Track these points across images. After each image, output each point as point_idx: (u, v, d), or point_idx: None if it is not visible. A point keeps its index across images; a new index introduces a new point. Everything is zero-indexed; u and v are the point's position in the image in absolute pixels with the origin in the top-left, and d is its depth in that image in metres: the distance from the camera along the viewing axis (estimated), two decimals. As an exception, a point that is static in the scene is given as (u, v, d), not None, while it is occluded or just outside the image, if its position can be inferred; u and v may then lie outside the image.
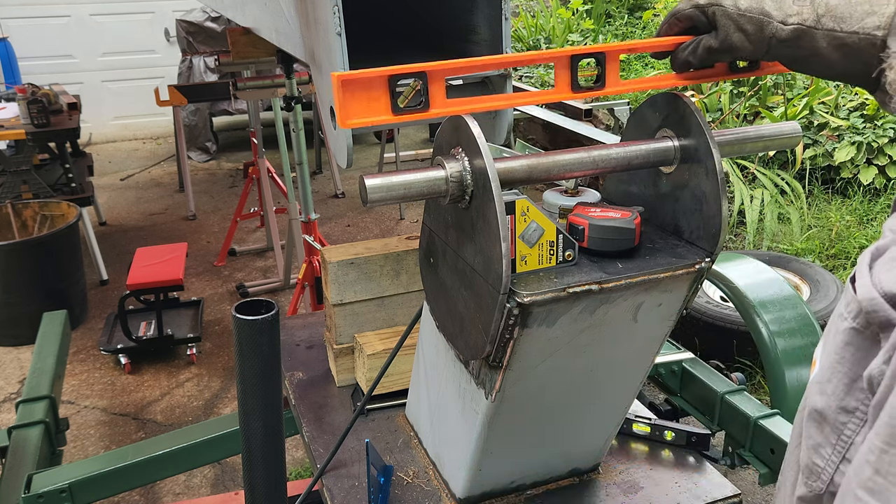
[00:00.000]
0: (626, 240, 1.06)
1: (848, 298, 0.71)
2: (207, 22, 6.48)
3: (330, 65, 1.36)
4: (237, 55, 2.64)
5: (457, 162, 0.99)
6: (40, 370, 2.22)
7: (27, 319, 3.45)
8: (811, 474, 0.73)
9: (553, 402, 1.22)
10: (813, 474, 0.73)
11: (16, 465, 1.82)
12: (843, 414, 0.69)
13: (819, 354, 0.77)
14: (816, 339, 1.99)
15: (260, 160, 4.62)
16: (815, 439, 0.73)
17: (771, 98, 5.54)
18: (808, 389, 0.77)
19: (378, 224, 5.61)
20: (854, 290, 0.69)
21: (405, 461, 1.46)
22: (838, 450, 0.69)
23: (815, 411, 0.73)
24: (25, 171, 4.52)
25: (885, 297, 0.65)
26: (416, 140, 7.63)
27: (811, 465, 0.73)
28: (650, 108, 1.15)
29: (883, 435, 0.61)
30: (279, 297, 4.41)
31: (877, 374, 0.64)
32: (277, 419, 1.23)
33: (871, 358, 0.66)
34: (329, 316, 1.71)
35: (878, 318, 0.65)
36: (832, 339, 0.73)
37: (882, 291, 0.65)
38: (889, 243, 0.70)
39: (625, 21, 8.07)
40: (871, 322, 0.67)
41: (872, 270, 0.68)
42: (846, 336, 0.70)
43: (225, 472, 3.02)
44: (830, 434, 0.71)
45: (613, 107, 5.56)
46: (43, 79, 6.03)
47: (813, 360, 0.80)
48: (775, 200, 4.86)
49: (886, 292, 0.65)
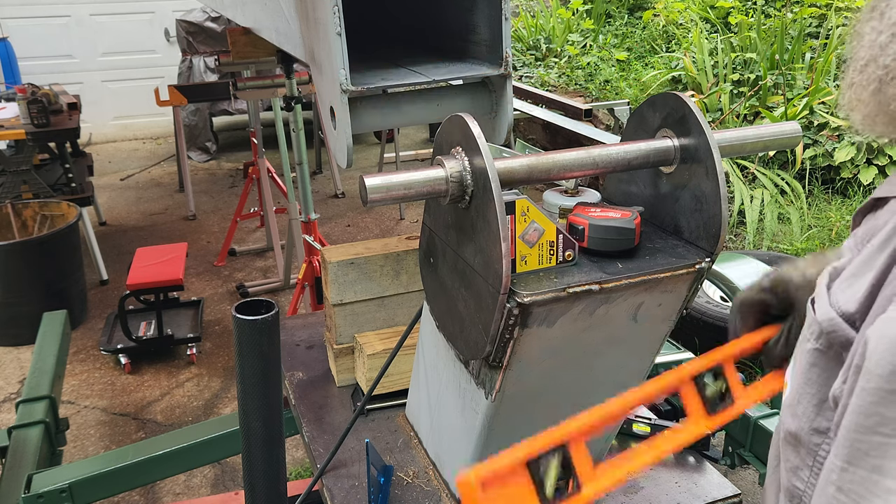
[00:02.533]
0: (626, 240, 1.06)
1: (809, 320, 0.71)
2: (207, 22, 6.48)
3: (330, 65, 1.37)
4: (237, 55, 2.64)
5: (457, 162, 0.99)
6: (40, 370, 2.22)
7: (27, 319, 3.45)
8: (792, 497, 0.73)
9: (553, 402, 1.22)
10: (794, 497, 0.72)
11: (16, 465, 1.82)
12: (815, 435, 0.69)
13: (789, 376, 0.77)
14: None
15: (260, 160, 4.61)
16: (792, 462, 0.73)
17: (771, 98, 5.54)
18: (781, 412, 0.77)
19: (378, 224, 5.61)
20: (814, 312, 0.69)
21: (405, 461, 1.46)
22: (815, 471, 0.68)
23: (789, 434, 0.73)
24: (25, 171, 4.52)
25: (842, 317, 0.65)
26: (416, 140, 7.63)
27: (791, 489, 0.73)
28: (650, 108, 1.15)
29: (842, 454, 0.60)
30: (279, 297, 4.41)
31: (839, 395, 0.64)
32: (277, 419, 1.23)
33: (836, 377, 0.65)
34: (329, 316, 1.71)
35: (837, 338, 0.65)
36: (799, 361, 0.72)
37: (840, 311, 0.65)
38: (845, 264, 0.69)
39: (625, 21, 8.07)
40: (832, 342, 0.66)
41: (830, 291, 0.68)
42: (810, 357, 0.70)
43: (225, 472, 3.01)
44: (806, 456, 0.70)
45: (613, 107, 5.57)
46: (43, 79, 6.03)
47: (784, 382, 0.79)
48: (775, 200, 4.86)
49: (843, 312, 0.65)
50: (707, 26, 6.80)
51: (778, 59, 5.75)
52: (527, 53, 7.67)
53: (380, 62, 1.59)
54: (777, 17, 6.34)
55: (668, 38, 7.20)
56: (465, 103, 1.55)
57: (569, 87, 6.69)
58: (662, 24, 7.32)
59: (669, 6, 7.28)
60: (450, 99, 1.55)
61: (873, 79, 0.66)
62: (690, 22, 6.94)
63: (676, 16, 7.19)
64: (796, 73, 5.62)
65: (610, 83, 6.52)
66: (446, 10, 1.62)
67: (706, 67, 5.94)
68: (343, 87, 1.34)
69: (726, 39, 6.31)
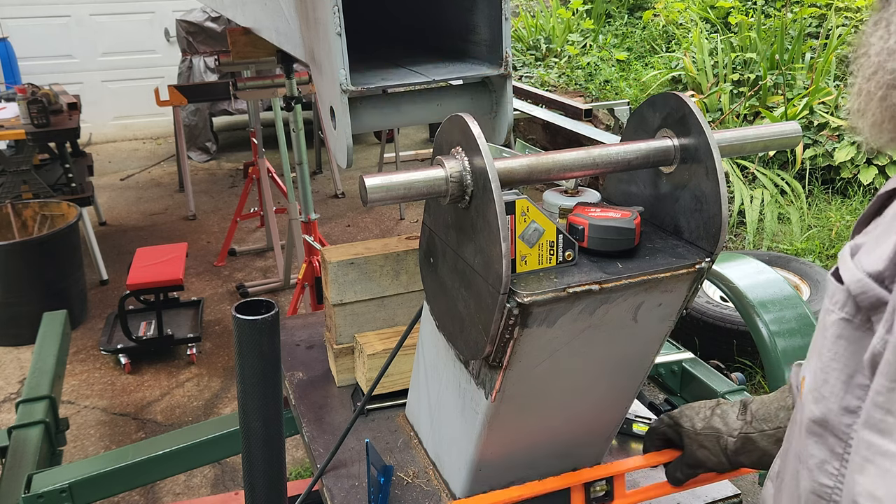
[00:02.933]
0: (626, 240, 1.06)
1: (831, 291, 0.70)
2: (207, 22, 6.48)
3: (330, 65, 1.37)
4: (237, 55, 2.64)
5: (457, 162, 0.99)
6: (40, 370, 2.22)
7: (27, 319, 3.45)
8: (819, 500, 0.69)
9: (553, 402, 1.22)
10: (821, 499, 0.69)
11: (16, 465, 1.82)
12: (846, 415, 0.66)
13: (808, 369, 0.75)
14: (817, 339, 1.99)
15: (260, 160, 4.62)
16: (817, 457, 0.69)
17: (771, 98, 5.54)
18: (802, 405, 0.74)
19: (378, 224, 5.61)
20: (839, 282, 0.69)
21: (405, 461, 1.46)
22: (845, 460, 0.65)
23: (813, 423, 0.70)
24: (25, 171, 4.52)
25: (871, 277, 0.64)
26: (416, 140, 7.63)
27: (817, 490, 0.69)
28: (650, 108, 1.15)
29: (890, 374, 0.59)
30: (279, 297, 4.41)
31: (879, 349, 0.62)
32: (277, 419, 1.23)
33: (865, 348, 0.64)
34: (329, 316, 1.71)
35: (867, 298, 0.64)
36: (822, 339, 0.71)
37: (866, 272, 0.65)
38: (865, 239, 0.70)
39: (625, 21, 8.07)
40: (860, 306, 0.65)
41: (854, 258, 0.68)
42: (836, 329, 0.68)
43: (225, 472, 3.01)
44: (836, 444, 0.67)
45: (613, 107, 5.57)
46: (43, 79, 6.03)
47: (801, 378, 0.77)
48: (775, 200, 4.86)
49: (871, 272, 0.64)
50: (707, 26, 6.80)
51: (778, 59, 5.75)
52: (527, 53, 7.68)
53: (380, 62, 1.59)
54: (777, 17, 6.34)
55: (668, 38, 7.20)
56: (465, 103, 1.55)
57: (569, 87, 6.69)
58: (662, 24, 7.32)
59: (669, 6, 7.28)
60: (450, 99, 1.55)
61: (881, 85, 0.67)
62: (690, 22, 6.95)
63: (676, 16, 7.19)
64: (796, 73, 5.62)
65: (610, 83, 6.52)
66: (446, 10, 1.62)
67: (706, 67, 5.94)
68: (343, 87, 1.34)
69: (726, 39, 6.31)
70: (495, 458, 1.26)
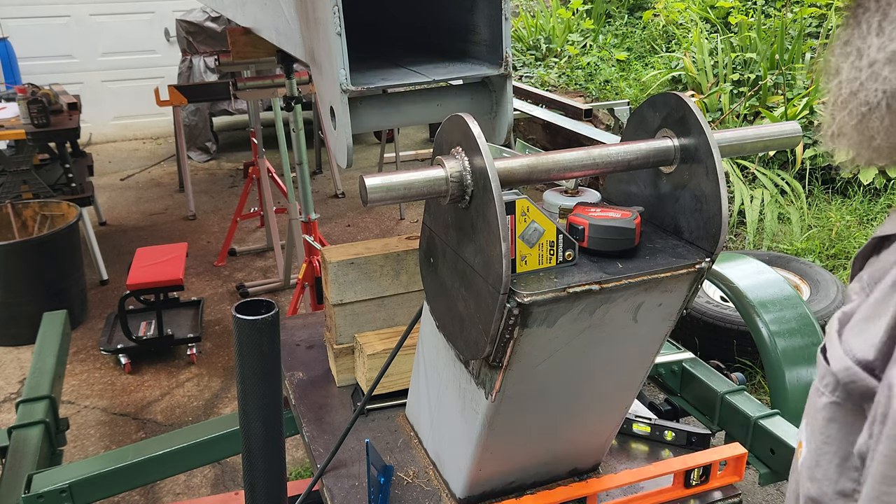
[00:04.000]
0: (626, 240, 1.06)
1: (822, 371, 0.66)
2: (207, 22, 6.48)
3: (330, 65, 1.37)
4: (237, 55, 2.64)
5: (457, 162, 0.99)
6: (40, 370, 2.22)
7: (27, 319, 3.45)
8: None
9: (553, 402, 1.22)
10: None
11: (16, 465, 1.82)
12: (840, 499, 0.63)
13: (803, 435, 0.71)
14: (817, 339, 1.99)
15: (260, 160, 4.62)
16: None
17: (771, 98, 5.54)
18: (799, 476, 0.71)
19: (378, 224, 5.61)
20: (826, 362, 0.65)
21: (405, 461, 1.46)
22: None
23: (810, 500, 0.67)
24: (25, 171, 4.52)
25: (860, 365, 0.60)
26: (416, 140, 7.63)
27: None
28: (650, 108, 1.15)
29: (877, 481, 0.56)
30: (279, 297, 4.41)
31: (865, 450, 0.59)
32: (277, 419, 1.23)
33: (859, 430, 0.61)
34: (329, 316, 1.71)
35: (857, 388, 0.61)
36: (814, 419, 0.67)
37: (855, 359, 0.61)
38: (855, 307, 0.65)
39: (625, 21, 8.07)
40: (850, 393, 0.62)
41: (842, 338, 0.64)
42: (827, 412, 0.65)
43: (225, 472, 3.01)
44: None
45: (613, 107, 5.56)
46: (43, 79, 6.03)
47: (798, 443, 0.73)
48: (775, 200, 4.86)
49: (860, 359, 0.60)
50: (707, 26, 6.80)
51: (778, 59, 5.75)
52: (527, 53, 7.67)
53: (380, 62, 1.59)
54: (777, 17, 6.34)
55: (668, 38, 7.20)
56: (465, 103, 1.55)
57: (569, 87, 6.69)
58: (662, 24, 7.32)
59: (669, 6, 7.28)
60: (450, 99, 1.55)
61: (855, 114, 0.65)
62: (690, 22, 6.95)
63: (676, 16, 7.19)
64: (796, 73, 5.62)
65: (610, 83, 6.52)
66: (446, 10, 1.62)
67: (706, 67, 5.94)
68: (343, 87, 1.34)
69: (726, 39, 6.31)
70: (495, 458, 1.26)
